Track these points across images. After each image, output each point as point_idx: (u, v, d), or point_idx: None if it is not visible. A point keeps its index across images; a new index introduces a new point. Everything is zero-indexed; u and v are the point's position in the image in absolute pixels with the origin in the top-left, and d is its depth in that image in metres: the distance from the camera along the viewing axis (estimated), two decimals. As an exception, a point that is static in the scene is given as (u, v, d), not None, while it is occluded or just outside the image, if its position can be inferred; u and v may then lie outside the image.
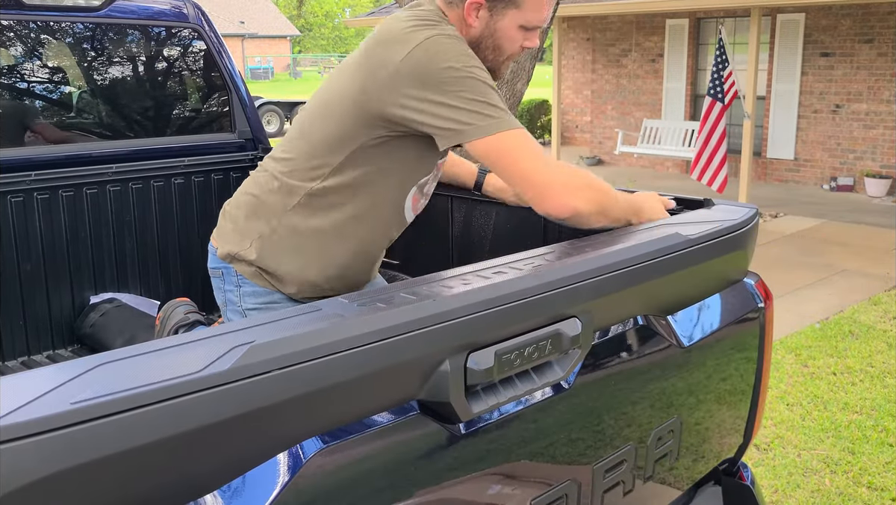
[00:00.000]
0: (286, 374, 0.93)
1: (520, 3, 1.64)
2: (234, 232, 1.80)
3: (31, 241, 2.70)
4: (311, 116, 1.74)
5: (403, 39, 1.58)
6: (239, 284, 1.79)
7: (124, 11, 2.91)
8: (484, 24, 1.67)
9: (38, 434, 0.76)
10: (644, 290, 1.47)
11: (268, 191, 1.76)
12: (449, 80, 1.54)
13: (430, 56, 1.54)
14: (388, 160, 1.68)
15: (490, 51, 1.70)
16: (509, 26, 1.67)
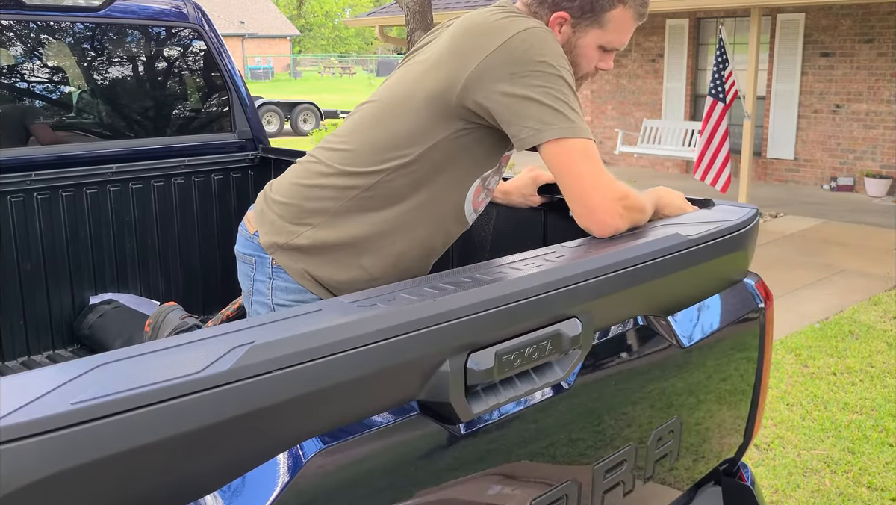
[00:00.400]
0: (286, 374, 0.93)
1: (604, 24, 1.66)
2: (282, 221, 1.71)
3: (31, 241, 2.70)
4: (379, 111, 1.69)
5: (499, 29, 1.56)
6: (272, 277, 1.72)
7: (124, 11, 2.91)
8: (566, 39, 1.67)
9: (39, 434, 0.76)
10: (644, 290, 1.47)
11: (322, 182, 1.69)
12: (539, 75, 1.52)
13: (525, 47, 1.53)
14: (459, 154, 1.66)
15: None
16: (590, 45, 1.68)
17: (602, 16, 1.65)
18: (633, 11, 1.68)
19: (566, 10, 1.65)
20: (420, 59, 1.71)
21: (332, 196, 1.68)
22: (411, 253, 1.73)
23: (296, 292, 1.71)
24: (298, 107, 18.85)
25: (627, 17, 1.68)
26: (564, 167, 1.55)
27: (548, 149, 1.54)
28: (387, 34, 12.75)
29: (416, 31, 5.98)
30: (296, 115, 18.68)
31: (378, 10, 14.11)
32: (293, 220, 1.71)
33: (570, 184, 1.56)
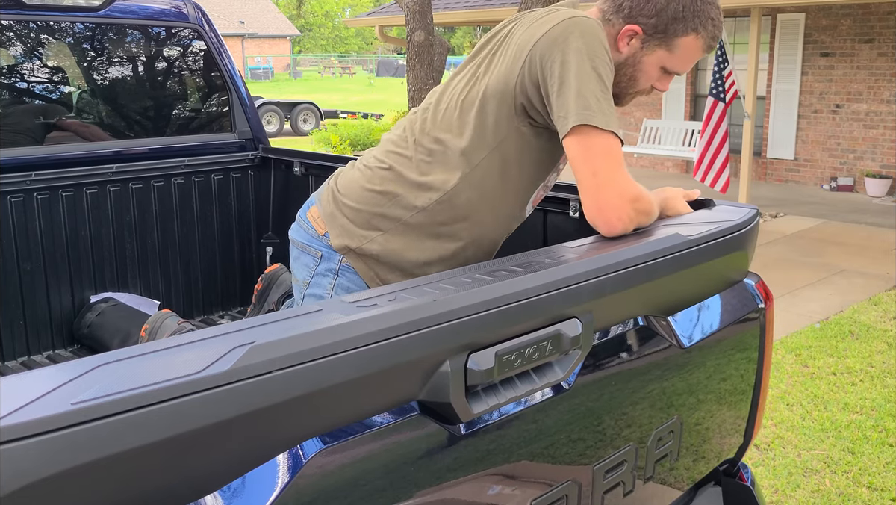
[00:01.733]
0: (286, 374, 0.93)
1: (673, 48, 1.67)
2: (354, 225, 1.73)
3: (31, 241, 2.70)
4: (447, 114, 1.70)
5: (549, 20, 1.59)
6: (338, 274, 1.73)
7: (124, 11, 2.91)
8: (632, 52, 1.68)
9: (39, 435, 0.76)
10: (644, 290, 1.47)
11: (394, 190, 1.71)
12: (571, 62, 1.52)
13: (563, 30, 1.55)
14: (521, 155, 1.67)
15: (626, 79, 1.71)
16: (653, 64, 1.69)
17: (673, 40, 1.66)
18: (704, 43, 1.68)
19: (640, 25, 1.65)
20: (480, 59, 1.73)
21: (404, 205, 1.69)
22: (477, 256, 1.76)
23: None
24: (298, 107, 18.85)
25: (697, 47, 1.68)
26: (579, 157, 1.54)
27: (567, 139, 1.53)
28: (387, 34, 12.75)
29: (416, 30, 5.97)
30: (296, 115, 18.68)
31: (378, 10, 14.11)
32: (365, 225, 1.72)
33: (583, 176, 1.55)
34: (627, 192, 1.54)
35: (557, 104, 1.53)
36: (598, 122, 1.50)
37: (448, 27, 27.91)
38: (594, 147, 1.52)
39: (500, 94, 1.61)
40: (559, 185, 2.20)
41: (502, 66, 1.62)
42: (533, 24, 1.63)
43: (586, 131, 1.51)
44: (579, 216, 2.11)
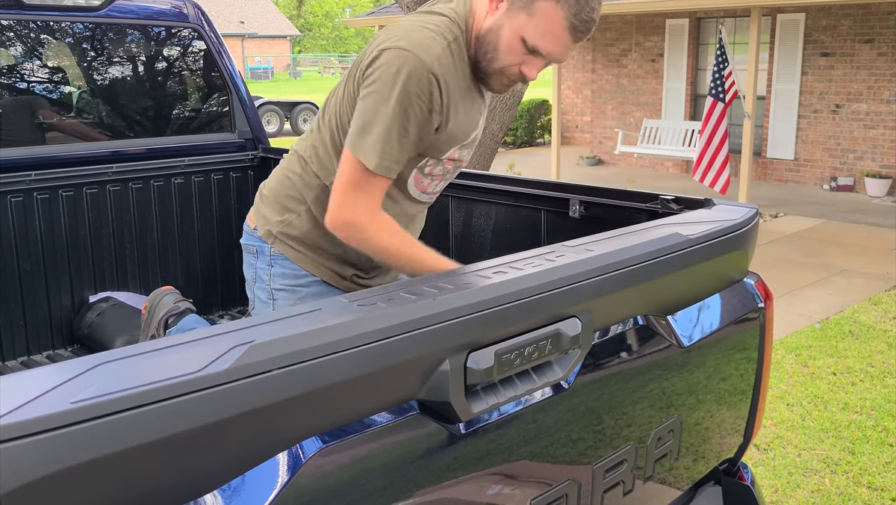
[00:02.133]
0: (286, 373, 0.93)
1: (533, 13, 1.58)
2: (272, 210, 1.83)
3: (31, 241, 2.70)
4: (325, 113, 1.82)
5: (373, 49, 1.64)
6: (271, 264, 1.82)
7: (124, 11, 2.91)
8: (496, 18, 1.63)
9: (38, 433, 0.76)
10: (644, 289, 1.47)
11: (298, 173, 1.82)
12: (370, 101, 1.60)
13: (378, 68, 1.60)
14: None
15: (490, 48, 1.64)
16: (514, 31, 1.61)
17: (534, 3, 1.58)
18: (564, 16, 1.57)
19: None
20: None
21: (303, 186, 1.80)
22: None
23: (292, 277, 1.81)
24: (298, 107, 18.85)
25: (557, 19, 1.58)
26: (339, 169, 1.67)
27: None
28: (387, 34, 12.73)
29: (416, 31, 5.97)
30: (296, 115, 18.68)
31: (378, 10, 14.11)
32: (280, 210, 1.83)
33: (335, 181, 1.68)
34: (343, 213, 1.65)
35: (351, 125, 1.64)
36: (355, 149, 1.61)
37: (448, 27, 27.77)
38: (345, 166, 1.64)
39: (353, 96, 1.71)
40: (559, 184, 2.20)
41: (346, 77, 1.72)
42: (370, 45, 1.67)
43: (350, 154, 1.63)
44: (579, 216, 2.11)
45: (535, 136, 15.19)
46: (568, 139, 13.65)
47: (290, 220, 1.80)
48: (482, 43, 1.65)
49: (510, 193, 2.29)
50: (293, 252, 1.81)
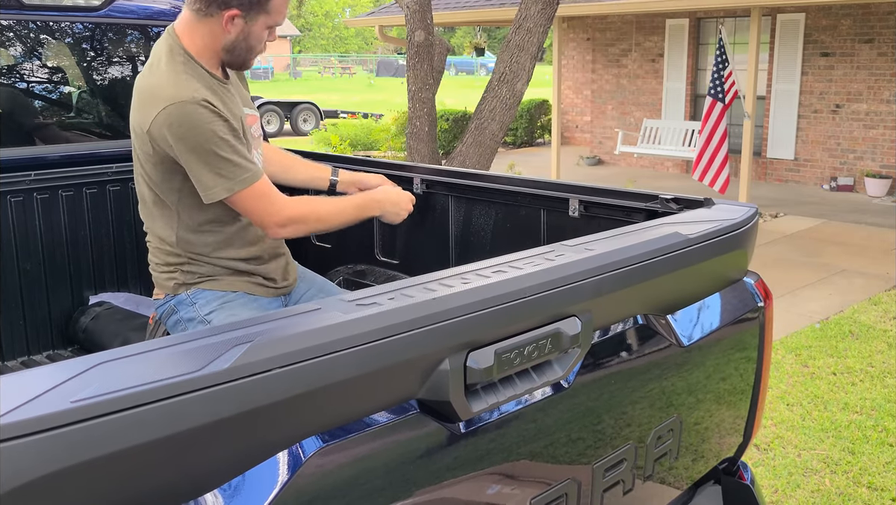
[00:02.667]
0: (285, 373, 0.93)
1: (269, 10, 1.87)
2: (168, 276, 2.03)
3: (31, 241, 2.70)
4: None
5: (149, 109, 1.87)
6: (193, 302, 1.99)
7: (124, 11, 2.91)
8: (239, 29, 1.88)
9: (38, 433, 0.76)
10: (644, 289, 1.47)
11: (157, 235, 2.01)
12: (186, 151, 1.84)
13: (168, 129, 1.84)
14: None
15: (244, 51, 1.92)
16: (260, 29, 1.90)
17: (267, 4, 1.86)
18: None
19: (236, 7, 1.84)
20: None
21: (170, 242, 2.03)
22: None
23: (216, 299, 2.00)
24: (298, 107, 18.84)
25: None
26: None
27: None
28: (387, 34, 12.75)
29: (416, 30, 5.97)
30: (296, 115, 18.67)
31: (378, 10, 14.11)
32: (172, 270, 2.03)
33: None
34: (274, 220, 1.90)
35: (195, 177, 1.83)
36: (237, 186, 1.82)
37: (448, 27, 27.89)
38: (242, 202, 1.88)
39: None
40: (559, 184, 2.20)
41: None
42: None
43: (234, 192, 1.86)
44: (578, 215, 2.11)
45: (535, 136, 15.19)
46: (568, 139, 13.65)
47: (185, 268, 1.99)
48: (233, 49, 1.91)
49: (510, 193, 2.29)
50: (207, 284, 1.99)
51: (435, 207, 2.52)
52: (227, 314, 1.96)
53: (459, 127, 13.29)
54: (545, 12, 5.68)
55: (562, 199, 2.14)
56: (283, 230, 1.93)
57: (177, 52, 1.87)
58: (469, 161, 5.94)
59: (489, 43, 43.08)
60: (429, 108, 6.14)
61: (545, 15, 5.69)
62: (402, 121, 12.84)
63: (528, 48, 5.73)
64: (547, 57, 22.95)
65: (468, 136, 6.02)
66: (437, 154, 6.39)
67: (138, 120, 1.82)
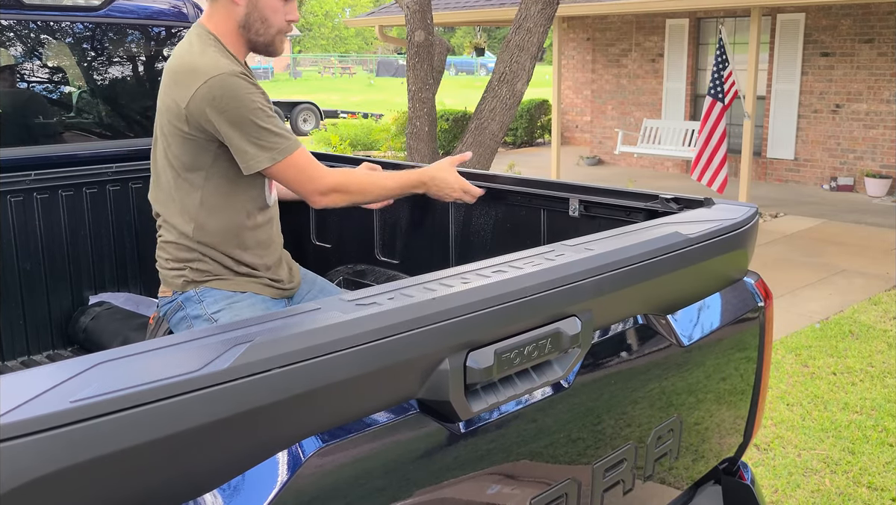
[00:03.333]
0: (285, 372, 0.92)
1: None
2: (177, 273, 1.99)
3: (31, 241, 2.70)
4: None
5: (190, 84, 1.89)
6: (201, 300, 1.97)
7: (124, 11, 2.91)
8: (248, 2, 1.88)
9: (38, 432, 0.76)
10: (644, 289, 1.47)
11: (173, 225, 1.98)
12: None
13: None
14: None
15: (259, 24, 1.90)
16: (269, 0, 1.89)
17: None
18: None
19: None
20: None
21: (184, 238, 2.01)
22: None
23: (224, 299, 1.97)
24: (298, 107, 18.83)
25: None
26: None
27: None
28: (387, 34, 12.75)
29: (416, 30, 5.97)
30: (296, 115, 18.67)
31: (378, 10, 14.11)
32: (182, 267, 2.00)
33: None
34: (318, 188, 1.91)
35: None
36: (279, 156, 1.83)
37: (448, 27, 27.89)
38: (283, 172, 1.91)
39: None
40: (559, 184, 2.20)
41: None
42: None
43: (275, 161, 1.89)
44: (579, 215, 2.11)
45: (535, 136, 15.19)
46: (568, 139, 13.65)
47: (195, 266, 1.96)
48: (250, 26, 1.91)
49: (510, 193, 2.29)
50: (215, 283, 1.97)
51: (435, 207, 2.51)
52: (233, 314, 1.96)
53: (459, 127, 13.29)
54: (545, 12, 5.68)
55: (562, 198, 2.14)
56: (325, 198, 1.92)
57: (205, 36, 1.89)
58: (469, 161, 5.94)
59: (489, 43, 43.10)
60: (429, 108, 6.14)
61: (545, 15, 5.69)
62: (402, 121, 12.84)
63: (528, 48, 5.73)
64: (547, 57, 22.96)
65: (468, 136, 6.02)
66: (437, 154, 6.39)
67: (174, 97, 1.82)
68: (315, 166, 1.89)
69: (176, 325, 2.03)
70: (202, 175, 1.89)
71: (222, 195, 1.92)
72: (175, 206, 1.95)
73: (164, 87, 1.88)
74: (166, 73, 1.87)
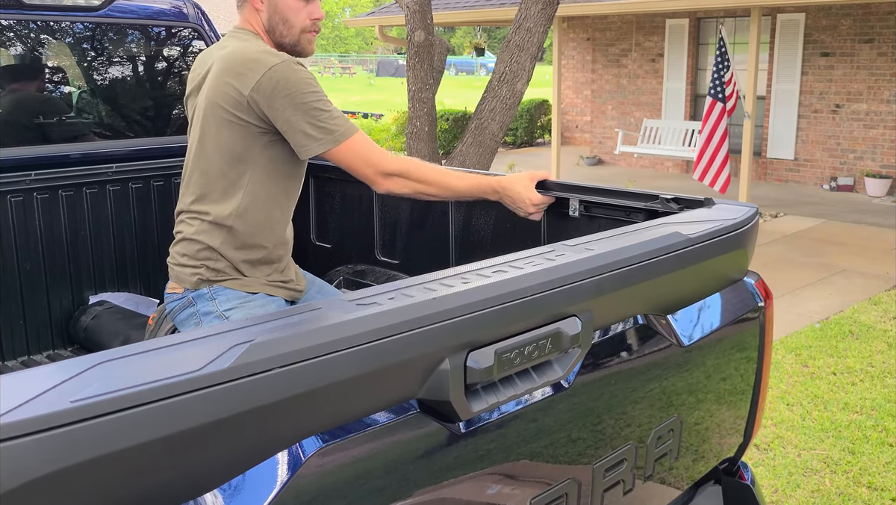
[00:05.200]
0: (285, 372, 0.92)
1: None
2: (191, 270, 1.98)
3: (31, 241, 2.70)
4: None
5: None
6: (213, 297, 1.97)
7: (124, 11, 2.91)
8: (267, 4, 1.96)
9: (38, 432, 0.76)
10: (644, 289, 1.47)
11: (206, 214, 1.97)
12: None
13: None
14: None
15: (282, 26, 1.97)
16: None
17: None
18: None
19: None
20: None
21: (207, 237, 2.00)
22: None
23: (237, 298, 1.97)
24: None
25: None
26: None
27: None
28: (387, 34, 12.75)
29: (416, 30, 5.97)
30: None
31: (378, 10, 14.11)
32: (198, 265, 1.99)
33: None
34: (382, 169, 1.91)
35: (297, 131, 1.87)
36: (342, 137, 1.86)
37: (448, 27, 27.88)
38: (345, 154, 1.93)
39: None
40: (559, 183, 2.20)
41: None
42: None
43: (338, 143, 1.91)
44: (579, 215, 2.11)
45: (535, 136, 15.19)
46: (568, 139, 13.65)
47: (212, 264, 1.96)
48: (273, 28, 1.97)
49: (510, 193, 2.29)
50: (229, 283, 1.97)
51: (435, 207, 2.52)
52: (245, 313, 1.96)
53: (459, 127, 13.29)
54: (545, 12, 5.68)
55: (562, 198, 2.14)
56: (388, 181, 1.92)
57: (253, 34, 1.98)
58: (469, 161, 5.94)
59: (489, 43, 43.08)
60: (429, 108, 6.14)
61: (545, 15, 5.69)
62: (402, 121, 12.83)
63: (528, 48, 5.73)
64: (547, 57, 22.95)
65: (468, 136, 6.02)
66: (437, 154, 6.39)
67: (236, 87, 1.83)
68: (377, 149, 1.92)
69: (183, 321, 2.03)
70: (252, 164, 1.92)
71: (264, 186, 1.95)
72: (214, 194, 1.95)
73: (217, 80, 1.87)
74: (222, 67, 1.87)
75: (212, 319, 1.96)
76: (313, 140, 1.83)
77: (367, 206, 2.75)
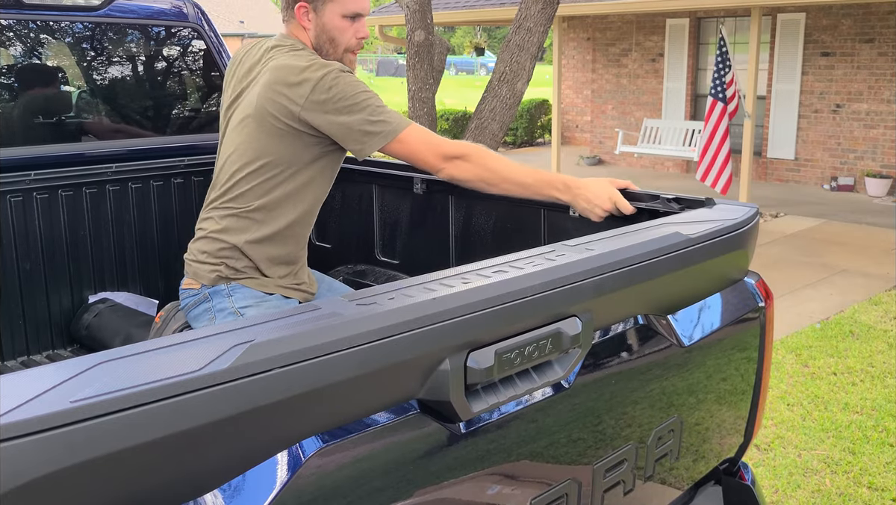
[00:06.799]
0: (285, 372, 0.92)
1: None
2: (211, 267, 2.00)
3: (31, 241, 2.70)
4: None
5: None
6: (230, 294, 1.98)
7: (124, 11, 2.91)
8: (314, 23, 1.98)
9: (38, 433, 0.75)
10: (644, 289, 1.47)
11: (244, 204, 1.99)
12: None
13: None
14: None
15: (328, 45, 1.99)
16: (333, 18, 1.96)
17: None
18: None
19: (302, 0, 1.95)
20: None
21: (230, 235, 2.04)
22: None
23: (253, 298, 1.99)
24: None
25: None
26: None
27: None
28: (387, 34, 12.75)
29: (416, 30, 5.97)
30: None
31: (378, 10, 14.09)
32: (218, 263, 2.02)
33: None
34: (443, 153, 1.91)
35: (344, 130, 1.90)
36: (397, 130, 1.87)
37: (448, 27, 27.88)
38: (407, 145, 1.93)
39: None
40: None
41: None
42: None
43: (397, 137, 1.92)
44: (579, 215, 2.11)
45: (536, 136, 15.18)
46: (568, 139, 13.65)
47: (232, 263, 1.98)
48: (320, 47, 2.00)
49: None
50: (247, 281, 1.99)
51: (435, 207, 2.51)
52: (259, 312, 1.97)
53: (459, 127, 13.29)
54: (545, 12, 5.68)
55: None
56: (450, 164, 1.90)
57: (301, 45, 2.00)
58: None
59: (489, 43, 43.08)
60: (429, 107, 6.14)
61: (545, 14, 5.69)
62: (403, 121, 12.79)
63: (528, 48, 5.73)
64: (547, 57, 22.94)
65: (468, 136, 6.02)
66: (438, 154, 6.37)
67: (289, 97, 1.85)
68: (436, 135, 1.94)
69: (197, 316, 2.03)
70: (293, 170, 1.95)
71: (300, 191, 1.98)
72: (250, 195, 1.97)
73: (269, 88, 1.89)
74: (274, 77, 1.89)
75: (226, 316, 1.97)
76: (372, 136, 1.85)
77: (367, 206, 2.75)
